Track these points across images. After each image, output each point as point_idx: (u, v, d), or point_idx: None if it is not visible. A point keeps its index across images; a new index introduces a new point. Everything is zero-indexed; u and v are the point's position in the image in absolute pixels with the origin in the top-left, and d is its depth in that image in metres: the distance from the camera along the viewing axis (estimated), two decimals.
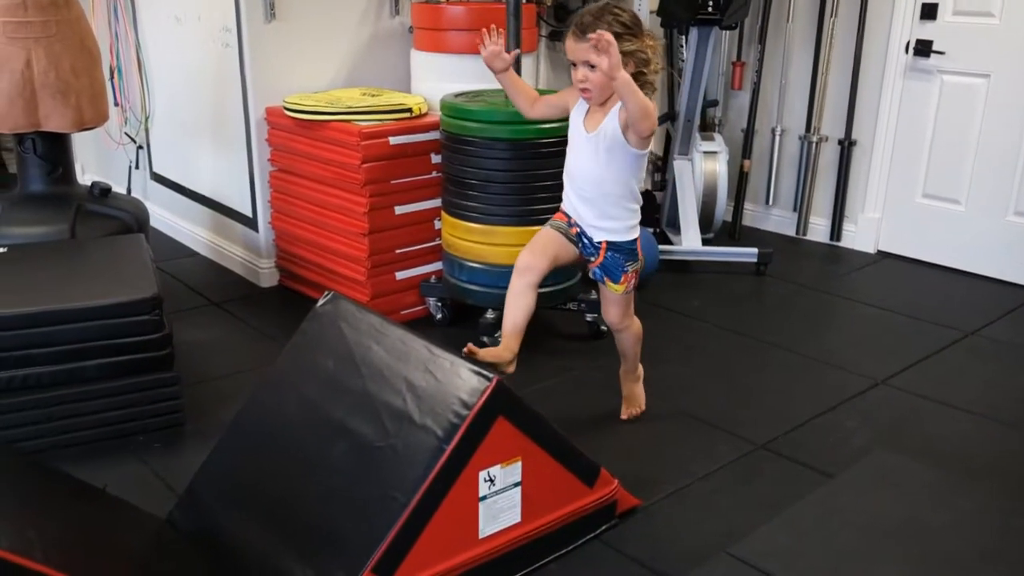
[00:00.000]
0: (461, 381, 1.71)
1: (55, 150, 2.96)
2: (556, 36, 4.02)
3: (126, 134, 4.13)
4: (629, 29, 2.11)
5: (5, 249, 2.65)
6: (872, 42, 3.76)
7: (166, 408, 2.40)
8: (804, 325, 3.19)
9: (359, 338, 1.94)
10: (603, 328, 2.99)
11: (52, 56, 2.77)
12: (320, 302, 2.08)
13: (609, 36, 1.95)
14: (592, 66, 2.10)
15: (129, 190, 4.08)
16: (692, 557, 1.86)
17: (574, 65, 2.19)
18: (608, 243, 2.29)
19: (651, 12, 3.92)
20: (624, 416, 2.50)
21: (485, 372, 1.71)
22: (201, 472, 1.98)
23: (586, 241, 2.32)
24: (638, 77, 2.09)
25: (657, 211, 4.23)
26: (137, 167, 4.18)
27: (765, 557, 1.73)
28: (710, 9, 3.39)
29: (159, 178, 4.13)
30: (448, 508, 1.67)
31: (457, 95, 2.89)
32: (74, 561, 1.29)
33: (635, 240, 2.32)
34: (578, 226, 2.31)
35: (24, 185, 3.00)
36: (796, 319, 3.24)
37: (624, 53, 2.02)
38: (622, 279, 2.33)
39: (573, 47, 2.14)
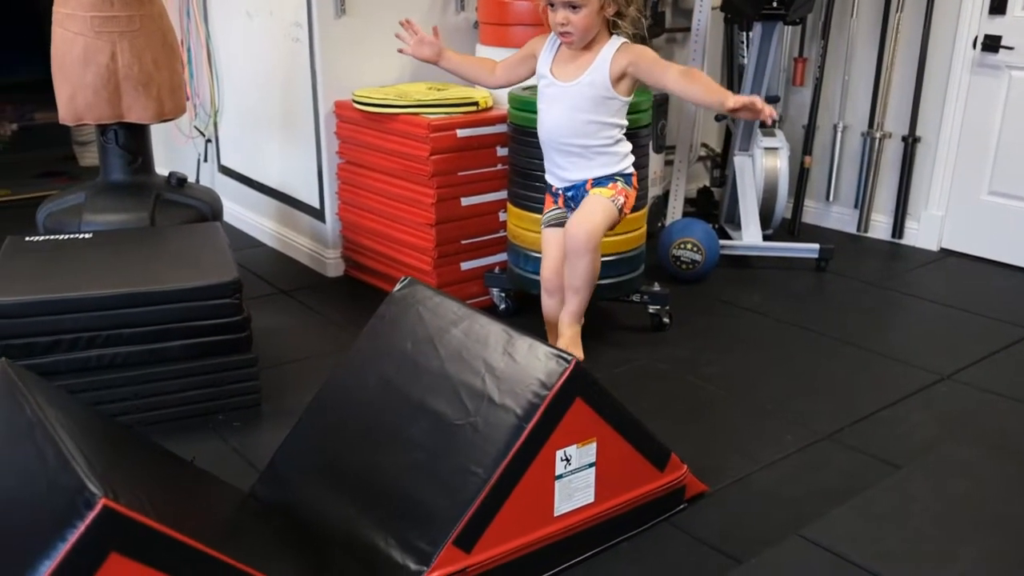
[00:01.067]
0: (540, 363, 1.76)
1: (136, 141, 3.07)
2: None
3: (195, 128, 4.25)
4: None
5: (91, 235, 2.76)
6: (938, 37, 3.74)
7: (244, 389, 2.49)
8: (866, 320, 3.18)
9: (437, 321, 1.99)
10: (665, 320, 3.02)
11: (136, 49, 2.87)
12: (397, 287, 2.14)
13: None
14: (575, 6, 2.01)
15: (198, 182, 4.20)
16: (762, 540, 1.88)
17: (551, 5, 2.07)
18: (594, 179, 2.27)
19: (713, 8, 3.94)
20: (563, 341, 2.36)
21: (564, 354, 1.75)
22: (283, 448, 2.05)
23: (577, 193, 2.29)
24: (617, 19, 2.12)
25: (716, 207, 4.24)
26: (206, 160, 4.30)
27: (838, 540, 1.75)
28: (775, 4, 3.39)
29: (226, 170, 4.24)
30: (526, 485, 1.72)
31: (524, 88, 2.93)
32: (178, 521, 1.36)
33: (630, 174, 2.28)
34: (567, 191, 2.27)
35: (106, 174, 3.11)
36: (858, 315, 3.23)
37: None
38: (610, 185, 2.24)
39: None
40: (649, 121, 2.92)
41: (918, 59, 3.79)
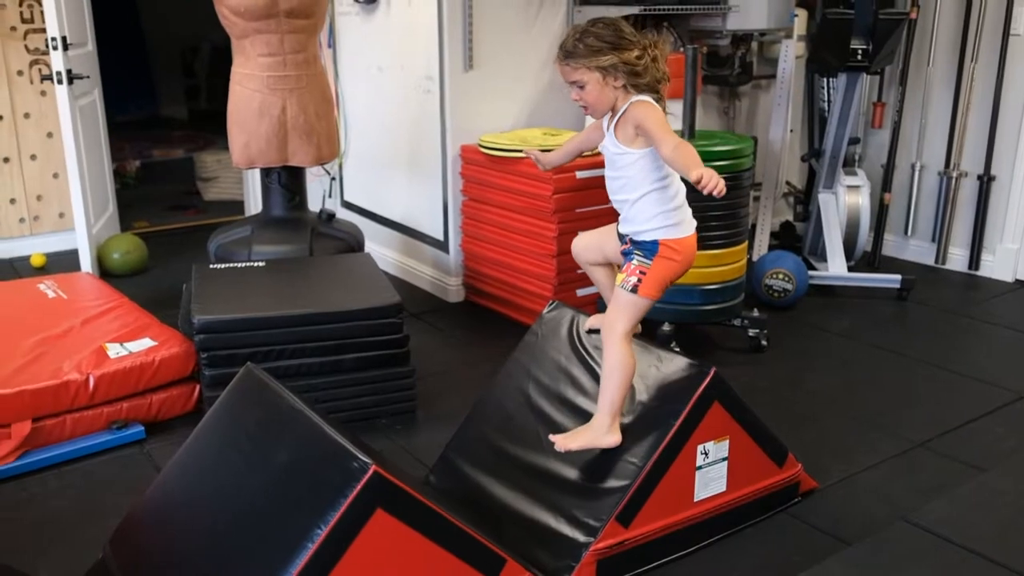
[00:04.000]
0: (683, 372, 2.12)
1: (295, 181, 3.52)
2: (708, 80, 4.43)
3: (323, 167, 4.71)
4: (609, 43, 2.03)
5: (263, 263, 3.20)
6: (1012, 82, 4.03)
7: (404, 396, 2.88)
8: (948, 345, 3.47)
9: (586, 337, 2.36)
10: (764, 343, 3.35)
11: (302, 103, 3.32)
12: (547, 309, 2.52)
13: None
14: (580, 85, 2.06)
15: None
16: (869, 527, 2.20)
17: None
18: (632, 239, 2.18)
19: (797, 57, 4.29)
20: (558, 443, 2.13)
21: (703, 365, 2.11)
22: (452, 442, 2.43)
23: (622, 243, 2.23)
24: (631, 84, 2.04)
25: (799, 240, 4.56)
26: (330, 196, 4.76)
27: (939, 524, 2.06)
28: (859, 57, 3.73)
29: (349, 205, 4.69)
30: (673, 474, 2.07)
31: None
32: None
33: (656, 241, 2.12)
34: (622, 237, 2.22)
35: (267, 210, 3.56)
36: (940, 339, 3.52)
37: (605, 68, 2.02)
38: (624, 267, 2.15)
39: (560, 70, 2.11)
40: (752, 164, 3.28)
41: (992, 104, 4.09)
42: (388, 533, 1.67)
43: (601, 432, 2.10)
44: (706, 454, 2.12)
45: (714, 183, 1.91)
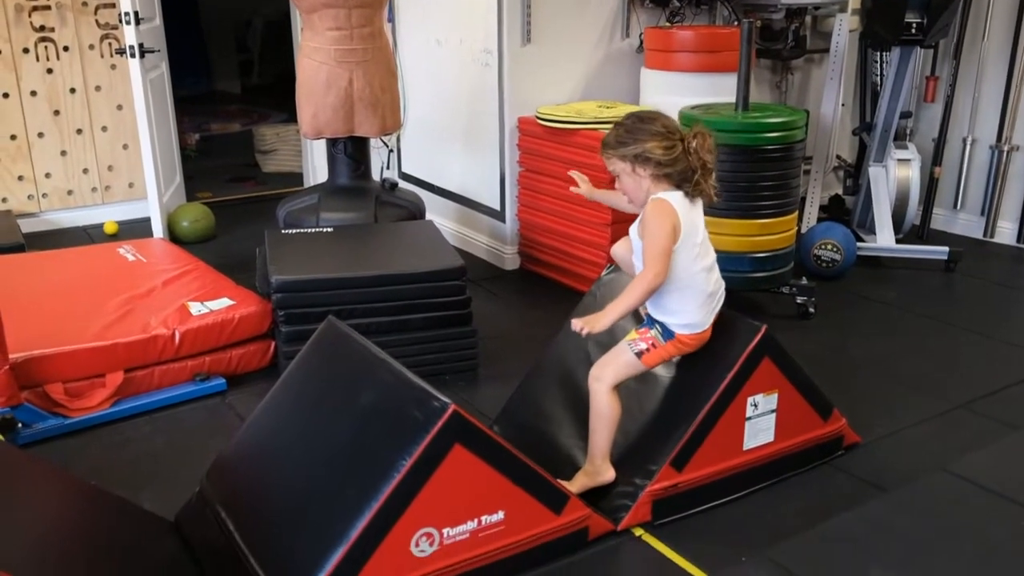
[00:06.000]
0: (736, 330, 2.25)
1: (360, 151, 3.69)
2: (761, 54, 4.50)
3: (381, 139, 4.88)
4: (639, 133, 2.07)
5: (331, 229, 3.38)
6: None
7: (466, 355, 3.05)
8: (993, 315, 3.55)
9: None
10: (811, 310, 3.45)
11: (368, 76, 3.48)
12: (605, 272, 2.66)
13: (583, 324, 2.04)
14: (617, 175, 2.13)
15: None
16: (910, 477, 2.32)
17: None
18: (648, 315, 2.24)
19: (851, 30, 4.34)
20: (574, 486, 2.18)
21: (756, 323, 2.24)
22: (514, 396, 2.59)
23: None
24: (660, 175, 2.07)
25: (848, 213, 4.63)
26: (388, 168, 4.92)
27: (980, 474, 2.18)
28: (913, 31, 3.78)
29: (406, 176, 4.85)
30: (724, 423, 2.21)
31: (693, 107, 3.43)
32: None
33: (670, 329, 2.17)
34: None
35: (333, 179, 3.73)
36: (986, 309, 3.60)
37: (632, 158, 2.07)
38: (641, 330, 2.21)
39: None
40: (804, 136, 3.37)
41: None
42: (465, 466, 1.84)
43: (596, 474, 2.21)
44: (756, 406, 2.25)
45: (579, 327, 2.07)
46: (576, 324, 2.10)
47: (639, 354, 2.18)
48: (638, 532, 2.17)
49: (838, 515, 2.17)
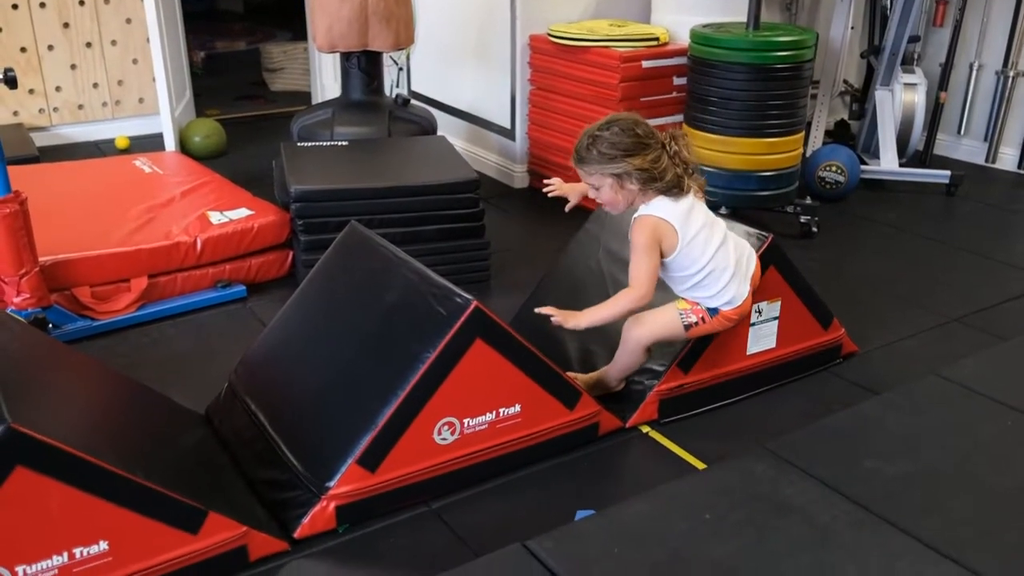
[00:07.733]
0: (744, 237, 2.33)
1: (373, 66, 3.72)
2: None
3: (391, 57, 4.89)
4: (623, 150, 2.03)
5: (346, 143, 3.44)
6: None
7: (479, 267, 3.14)
8: (991, 237, 3.64)
9: None
10: (814, 229, 3.53)
11: None
12: None
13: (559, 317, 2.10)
14: (596, 187, 2.11)
15: None
16: (904, 381, 2.44)
17: None
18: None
19: None
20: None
21: (762, 232, 2.33)
22: (527, 303, 2.67)
23: None
24: (649, 188, 2.06)
25: (853, 139, 4.68)
26: (397, 86, 4.95)
27: (972, 379, 2.29)
28: None
29: (415, 95, 4.88)
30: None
31: (704, 26, 3.45)
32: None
33: (715, 308, 2.19)
34: None
35: (347, 94, 3.77)
36: (984, 231, 3.69)
37: (618, 175, 2.05)
38: (691, 301, 2.21)
39: (576, 169, 2.14)
40: (812, 57, 3.41)
41: None
42: (486, 360, 1.95)
43: (607, 387, 2.32)
44: (759, 312, 2.35)
45: (549, 314, 2.12)
46: (554, 316, 2.13)
47: (688, 327, 2.19)
48: (645, 429, 2.30)
49: (833, 414, 2.29)
